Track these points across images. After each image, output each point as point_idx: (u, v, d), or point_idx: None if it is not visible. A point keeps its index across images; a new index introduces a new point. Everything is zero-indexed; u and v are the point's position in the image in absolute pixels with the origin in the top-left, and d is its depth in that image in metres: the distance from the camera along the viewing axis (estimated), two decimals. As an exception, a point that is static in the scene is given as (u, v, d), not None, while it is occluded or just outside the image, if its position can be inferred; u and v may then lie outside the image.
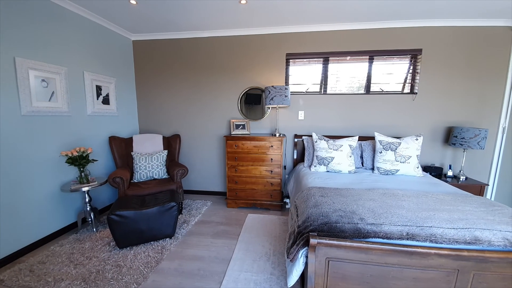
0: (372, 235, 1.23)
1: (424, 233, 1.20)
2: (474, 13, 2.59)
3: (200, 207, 3.13)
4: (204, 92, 3.38)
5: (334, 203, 1.60)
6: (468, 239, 1.17)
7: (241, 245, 2.27)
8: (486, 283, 1.17)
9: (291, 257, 1.30)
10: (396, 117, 3.05)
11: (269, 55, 3.16)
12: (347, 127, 3.16)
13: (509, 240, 1.18)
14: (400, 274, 1.18)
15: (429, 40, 2.85)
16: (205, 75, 3.34)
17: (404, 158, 2.45)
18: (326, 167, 2.62)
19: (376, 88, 3.09)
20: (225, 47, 3.24)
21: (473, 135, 2.58)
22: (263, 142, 2.91)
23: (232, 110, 3.36)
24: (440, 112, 2.96)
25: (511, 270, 1.13)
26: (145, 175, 2.86)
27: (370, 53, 2.99)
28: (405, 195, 1.72)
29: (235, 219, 2.82)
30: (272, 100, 2.80)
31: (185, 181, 3.62)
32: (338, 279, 1.25)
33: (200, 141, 3.51)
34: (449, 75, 2.88)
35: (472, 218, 1.33)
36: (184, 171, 2.83)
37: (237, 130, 3.14)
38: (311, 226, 1.37)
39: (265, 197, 3.05)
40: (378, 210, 1.46)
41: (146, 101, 3.53)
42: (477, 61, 2.82)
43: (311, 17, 2.75)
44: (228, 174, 3.03)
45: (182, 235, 2.45)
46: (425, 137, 3.03)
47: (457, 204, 1.55)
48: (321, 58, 3.12)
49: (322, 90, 3.19)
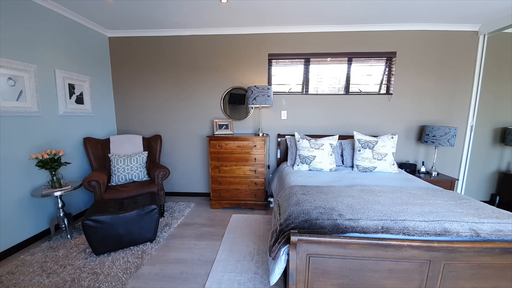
0: (350, 230, 1.27)
1: (397, 226, 1.26)
2: (444, 19, 2.76)
3: (183, 209, 3.07)
4: (186, 91, 3.32)
5: (315, 200, 1.63)
6: (438, 231, 1.24)
7: (225, 246, 2.25)
8: (456, 272, 1.25)
9: (273, 255, 1.31)
10: (373, 116, 3.17)
11: (251, 55, 3.17)
12: (328, 126, 3.24)
13: (475, 231, 1.27)
14: (376, 266, 1.23)
15: (403, 44, 3.00)
16: (187, 74, 3.28)
17: (381, 155, 2.56)
18: (308, 166, 2.67)
19: (355, 89, 3.20)
20: (208, 46, 3.20)
21: (444, 133, 2.75)
22: (247, 142, 2.91)
23: (215, 110, 3.32)
24: (414, 112, 3.13)
25: (478, 259, 1.22)
26: (124, 177, 2.75)
27: (349, 55, 3.09)
28: (381, 191, 1.80)
29: (219, 220, 2.79)
30: (255, 100, 2.81)
31: (167, 183, 3.53)
32: (318, 274, 1.28)
33: (183, 142, 3.44)
34: (421, 76, 3.05)
35: (442, 211, 1.42)
36: (166, 172, 2.75)
37: (220, 130, 3.12)
38: (292, 224, 1.38)
39: (249, 197, 3.05)
40: (356, 206, 1.51)
41: (124, 101, 3.40)
42: (447, 64, 3.01)
43: (292, 19, 2.79)
44: (212, 174, 2.99)
45: (164, 238, 2.38)
46: (400, 136, 3.18)
47: (428, 198, 1.64)
48: (302, 59, 3.18)
49: (304, 90, 3.25)
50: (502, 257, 1.21)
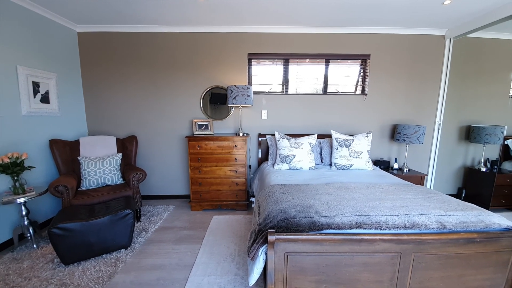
0: (326, 227, 1.29)
1: (370, 221, 1.30)
2: (413, 23, 2.92)
3: (162, 212, 2.96)
4: (164, 90, 3.21)
5: (293, 199, 1.64)
6: (408, 224, 1.30)
7: (205, 249, 2.20)
8: (425, 263, 1.31)
9: (252, 256, 1.30)
10: (350, 116, 3.28)
11: (231, 54, 3.14)
12: (308, 125, 3.30)
13: (441, 223, 1.34)
14: (351, 261, 1.26)
15: (376, 46, 3.13)
16: (165, 72, 3.17)
17: (357, 153, 2.65)
18: (288, 165, 2.70)
19: (332, 89, 3.29)
20: (186, 44, 3.11)
21: (414, 132, 2.91)
22: (227, 142, 2.87)
23: (195, 110, 3.25)
24: (387, 112, 3.28)
25: (445, 250, 1.29)
26: (96, 181, 2.59)
27: (326, 56, 3.17)
28: (357, 188, 1.86)
29: (199, 222, 2.73)
30: (235, 99, 2.79)
31: (145, 186, 3.39)
32: (296, 272, 1.28)
33: (160, 143, 3.32)
34: (393, 78, 3.21)
35: (411, 205, 1.49)
36: (142, 175, 2.64)
37: (200, 130, 3.05)
38: (270, 223, 1.38)
39: (231, 198, 3.01)
40: (332, 203, 1.54)
41: (96, 100, 3.21)
42: (417, 66, 3.19)
43: (270, 19, 2.80)
44: (191, 176, 2.92)
45: (140, 244, 2.28)
46: (375, 134, 3.32)
47: (399, 193, 1.72)
48: (281, 59, 3.20)
49: (284, 90, 3.28)
50: (467, 246, 1.29)
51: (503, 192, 2.99)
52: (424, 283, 1.32)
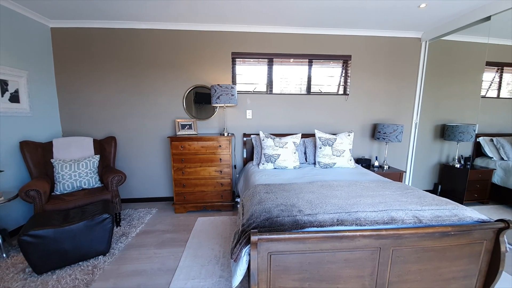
0: (308, 225, 1.30)
1: (351, 218, 1.33)
2: (391, 26, 3.03)
3: (143, 216, 2.86)
4: (145, 89, 3.10)
5: (277, 198, 1.64)
6: (386, 219, 1.34)
7: (189, 252, 2.15)
8: (403, 257, 1.35)
9: (235, 257, 1.28)
10: (333, 115, 3.35)
11: (215, 53, 3.10)
12: (292, 125, 3.33)
13: (418, 218, 1.39)
14: (333, 257, 1.27)
15: (357, 48, 3.22)
16: (146, 70, 3.07)
17: (339, 152, 2.70)
18: (273, 164, 2.70)
19: (316, 89, 3.34)
20: (168, 42, 3.03)
21: (392, 130, 3.02)
22: (211, 142, 2.83)
23: (178, 109, 3.17)
24: (367, 111, 3.38)
25: (421, 243, 1.34)
26: (71, 185, 2.46)
27: (309, 57, 3.21)
28: (339, 185, 1.89)
29: (183, 224, 2.67)
30: (219, 99, 2.75)
31: (125, 189, 3.26)
32: (280, 271, 1.28)
33: (142, 144, 3.21)
34: (373, 78, 3.31)
35: (389, 201, 1.54)
36: (121, 177, 2.53)
37: (183, 130, 2.98)
38: (254, 223, 1.37)
39: (216, 198, 2.97)
40: (315, 201, 1.56)
41: (71, 99, 3.04)
42: (395, 67, 3.31)
43: (253, 18, 2.79)
44: (175, 177, 2.84)
45: (120, 249, 2.19)
46: (356, 133, 3.41)
47: (379, 190, 1.77)
48: (266, 59, 3.21)
49: (268, 90, 3.28)
50: (442, 240, 1.35)
51: (476, 187, 3.16)
52: (403, 276, 1.36)
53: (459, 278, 1.44)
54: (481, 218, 1.44)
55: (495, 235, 1.41)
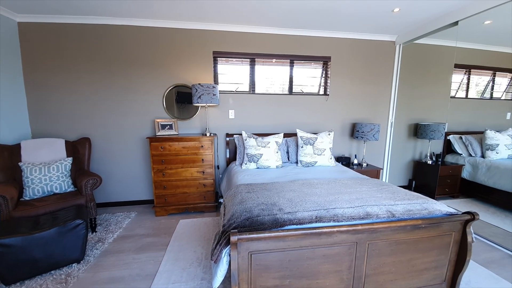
0: (288, 223, 1.31)
1: (329, 215, 1.36)
2: (368, 29, 3.15)
3: (121, 220, 2.75)
4: (122, 88, 2.98)
5: (258, 197, 1.64)
6: (362, 215, 1.39)
7: (170, 255, 2.09)
8: (378, 250, 1.41)
9: (215, 258, 1.26)
10: (314, 115, 3.42)
11: (196, 51, 3.04)
12: (275, 125, 3.35)
13: (391, 212, 1.46)
14: (312, 254, 1.30)
15: (336, 49, 3.31)
16: (123, 69, 2.94)
17: (320, 151, 2.77)
18: (256, 164, 2.70)
19: (298, 90, 3.39)
20: (146, 39, 2.93)
21: (370, 129, 3.14)
22: (193, 142, 2.78)
23: (157, 109, 3.08)
24: (347, 111, 3.49)
25: (395, 236, 1.40)
26: (41, 190, 2.30)
27: (291, 57, 3.25)
28: (319, 183, 1.93)
29: (164, 228, 2.59)
30: (200, 98, 2.71)
31: (101, 193, 3.11)
32: (261, 270, 1.28)
33: (119, 145, 3.08)
34: (351, 79, 3.42)
35: (365, 197, 1.60)
36: (96, 180, 2.41)
37: (163, 131, 2.90)
38: (234, 223, 1.36)
39: (198, 200, 2.92)
40: (295, 199, 1.58)
41: (41, 98, 2.85)
42: (372, 68, 3.45)
43: (234, 17, 2.78)
44: (155, 179, 2.75)
45: (95, 256, 2.08)
46: (337, 132, 3.51)
47: (356, 187, 1.83)
48: (248, 59, 3.21)
49: (251, 90, 3.28)
50: (413, 232, 1.42)
51: (446, 182, 3.37)
52: (378, 269, 1.42)
53: (430, 269, 1.53)
54: (449, 211, 1.53)
55: (462, 227, 1.51)
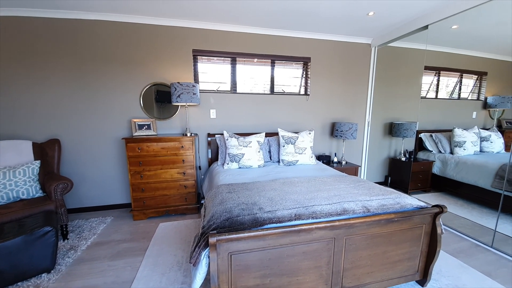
0: (267, 221, 1.32)
1: (308, 212, 1.39)
2: (345, 31, 3.26)
3: (96, 226, 2.61)
4: (95, 87, 2.83)
5: (239, 197, 1.63)
6: (339, 211, 1.43)
7: (148, 260, 2.02)
8: (355, 244, 1.46)
9: (193, 261, 1.24)
10: (295, 114, 3.47)
11: (175, 49, 2.96)
12: (257, 124, 3.36)
13: (366, 207, 1.51)
14: (292, 251, 1.31)
15: (316, 50, 3.39)
16: (96, 66, 2.79)
17: (301, 149, 2.81)
18: (238, 164, 2.69)
19: (279, 89, 3.42)
20: (123, 36, 2.80)
21: (348, 128, 3.24)
22: (173, 143, 2.70)
23: (134, 109, 2.96)
24: (327, 110, 3.58)
25: (370, 231, 1.45)
26: (5, 196, 2.12)
27: (272, 57, 3.28)
28: (299, 182, 1.96)
29: (142, 232, 2.50)
30: (179, 97, 2.64)
31: (73, 198, 2.93)
32: (241, 270, 1.27)
33: (93, 146, 2.92)
34: (330, 80, 3.52)
35: (343, 193, 1.64)
36: (67, 185, 2.27)
37: (141, 131, 2.79)
38: (214, 224, 1.34)
39: (179, 202, 2.85)
40: (276, 198, 1.59)
41: (5, 98, 2.62)
42: (349, 70, 3.57)
43: (215, 15, 2.75)
44: (132, 181, 2.64)
45: (68, 265, 1.96)
46: (317, 131, 3.59)
47: (335, 184, 1.88)
48: (229, 58, 3.18)
49: (232, 89, 3.26)
50: (387, 226, 1.49)
51: (419, 177, 3.57)
52: (356, 262, 1.47)
53: (404, 260, 1.60)
54: (420, 205, 1.62)
55: (432, 219, 1.61)
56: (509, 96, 2.77)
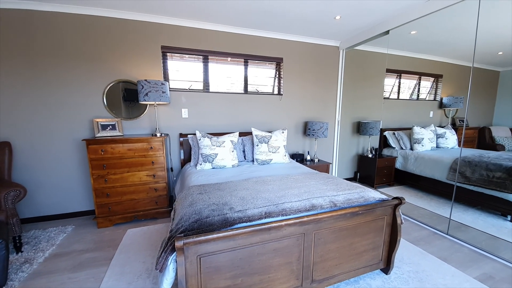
0: (238, 221, 1.31)
1: (278, 209, 1.40)
2: (315, 34, 3.36)
3: (55, 236, 2.38)
4: (52, 84, 2.58)
5: (210, 198, 1.60)
6: (308, 207, 1.46)
7: (114, 270, 1.89)
8: (323, 238, 1.51)
9: (159, 267, 1.18)
10: (269, 114, 3.51)
11: (143, 45, 2.81)
12: (230, 124, 3.33)
13: (333, 202, 1.57)
14: (263, 249, 1.32)
15: (288, 51, 3.45)
16: (53, 62, 2.55)
17: (274, 148, 2.85)
18: (211, 164, 2.64)
19: (253, 89, 3.43)
20: (84, 30, 2.59)
21: (319, 127, 3.36)
22: (141, 144, 2.57)
23: (97, 108, 2.75)
24: (299, 110, 3.67)
25: (337, 224, 1.51)
26: None
27: (245, 57, 3.27)
28: (272, 180, 1.98)
29: (108, 240, 2.33)
30: (147, 96, 2.51)
31: (29, 206, 2.65)
32: (211, 273, 1.25)
33: (49, 149, 2.66)
34: (302, 80, 3.61)
35: (312, 190, 1.69)
36: (19, 192, 2.04)
37: (104, 132, 2.61)
38: (182, 227, 1.29)
39: (150, 206, 2.71)
40: (247, 197, 1.58)
41: None
42: (320, 71, 3.69)
43: (184, 11, 2.66)
44: (95, 186, 2.46)
45: (21, 280, 1.76)
46: (291, 130, 3.67)
47: (306, 181, 1.93)
48: (201, 56, 3.11)
49: (205, 88, 3.19)
50: (352, 219, 1.56)
51: (384, 172, 3.82)
52: (324, 255, 1.52)
53: (369, 250, 1.70)
54: (382, 198, 1.72)
55: (392, 211, 1.72)
56: (461, 96, 3.07)
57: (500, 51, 2.83)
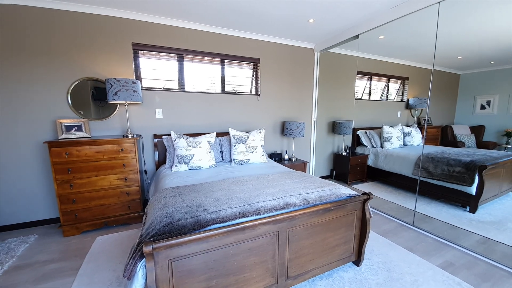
0: (211, 222, 1.29)
1: (252, 209, 1.41)
2: (291, 36, 3.43)
3: (15, 247, 2.18)
4: (9, 82, 2.35)
5: (183, 200, 1.56)
6: (282, 205, 1.49)
7: (82, 280, 1.78)
8: (298, 235, 1.54)
9: (127, 274, 1.13)
10: (247, 114, 3.51)
11: (112, 41, 2.66)
12: (207, 124, 3.28)
13: (306, 200, 1.61)
14: (237, 249, 1.32)
15: (265, 52, 3.48)
16: (10, 58, 2.32)
17: (252, 148, 2.86)
18: (187, 165, 2.58)
19: (230, 89, 3.41)
20: (47, 23, 2.39)
21: (296, 127, 3.43)
22: (110, 145, 2.43)
23: (61, 108, 2.55)
24: (277, 110, 3.72)
25: (310, 221, 1.56)
26: None
27: (221, 56, 3.24)
28: (248, 180, 1.99)
29: (75, 249, 2.18)
30: (116, 95, 2.39)
31: (-18, 216, 2.40)
32: (184, 276, 1.22)
33: (6, 153, 2.42)
34: (279, 81, 3.67)
35: (287, 189, 1.72)
36: (-33, 201, 1.83)
37: (69, 133, 2.43)
38: (152, 231, 1.25)
39: (121, 211, 2.58)
40: (222, 198, 1.57)
41: None
42: (296, 72, 3.77)
43: (158, 7, 2.57)
44: (60, 192, 2.28)
45: (-32, 300, 1.59)
46: (269, 130, 3.71)
47: (281, 180, 1.96)
48: (175, 54, 3.02)
49: (180, 87, 3.11)
50: (325, 215, 1.62)
51: (357, 169, 4.00)
52: (299, 252, 1.55)
53: (341, 244, 1.77)
54: (352, 193, 1.80)
55: (362, 205, 1.81)
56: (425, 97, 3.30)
57: (460, 56, 3.11)
